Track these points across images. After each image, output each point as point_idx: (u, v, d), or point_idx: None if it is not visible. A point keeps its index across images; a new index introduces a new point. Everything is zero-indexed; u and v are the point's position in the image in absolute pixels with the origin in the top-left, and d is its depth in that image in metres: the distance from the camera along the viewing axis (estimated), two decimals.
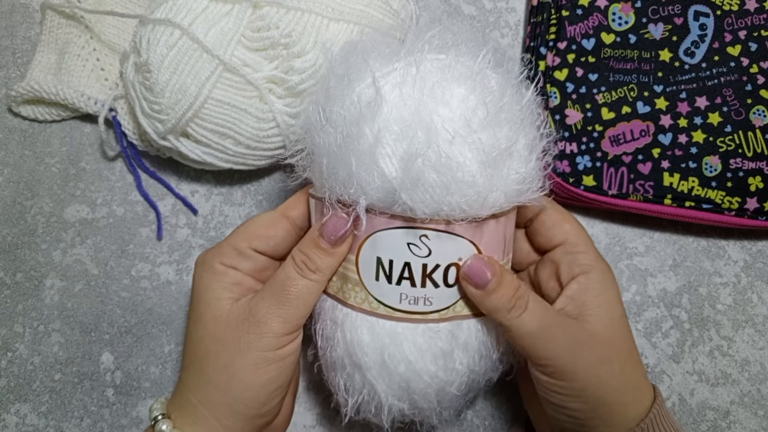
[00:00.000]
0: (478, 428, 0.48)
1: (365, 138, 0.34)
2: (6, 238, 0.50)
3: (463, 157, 0.33)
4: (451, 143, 0.33)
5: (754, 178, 0.47)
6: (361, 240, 0.36)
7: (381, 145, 0.33)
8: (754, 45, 0.48)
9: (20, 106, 0.51)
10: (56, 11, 0.51)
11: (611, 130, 0.47)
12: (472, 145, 0.33)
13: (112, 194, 0.51)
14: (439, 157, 0.33)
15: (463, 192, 0.33)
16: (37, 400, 0.48)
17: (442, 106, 0.34)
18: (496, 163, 0.34)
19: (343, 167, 0.34)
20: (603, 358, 0.36)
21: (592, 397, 0.36)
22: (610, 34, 0.48)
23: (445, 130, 0.33)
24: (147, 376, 0.48)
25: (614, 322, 0.38)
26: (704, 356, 0.49)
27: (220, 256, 0.38)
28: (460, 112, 0.34)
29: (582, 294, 0.38)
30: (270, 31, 0.44)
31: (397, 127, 0.33)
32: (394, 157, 0.33)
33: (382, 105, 0.33)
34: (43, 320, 0.49)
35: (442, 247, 0.35)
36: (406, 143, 0.33)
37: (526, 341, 0.36)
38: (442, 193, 0.33)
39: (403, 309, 0.36)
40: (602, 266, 0.39)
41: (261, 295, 0.37)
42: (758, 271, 0.50)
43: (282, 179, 0.51)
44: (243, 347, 0.35)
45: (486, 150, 0.34)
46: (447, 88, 0.34)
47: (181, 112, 0.44)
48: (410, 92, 0.34)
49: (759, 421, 0.48)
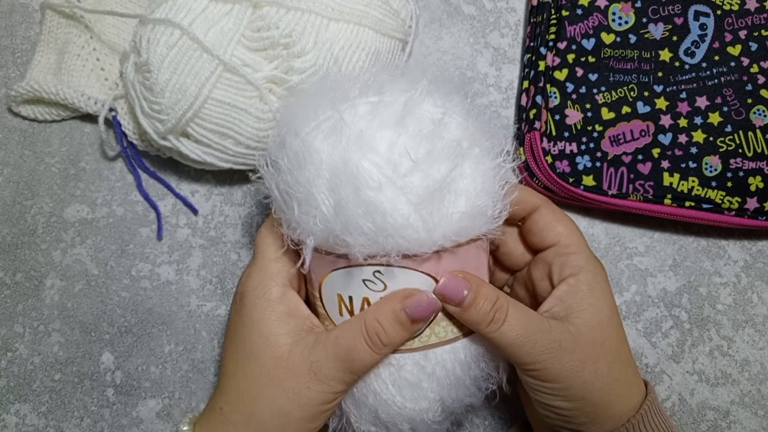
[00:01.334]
0: (478, 428, 0.48)
1: (302, 185, 0.34)
2: (6, 238, 0.50)
3: (391, 203, 0.33)
4: (378, 191, 0.33)
5: (754, 178, 0.47)
6: (321, 277, 0.37)
7: (316, 192, 0.34)
8: (755, 45, 0.48)
9: (20, 106, 0.51)
10: (56, 11, 0.51)
11: (611, 130, 0.47)
12: (403, 189, 0.33)
13: (112, 194, 0.51)
14: (366, 205, 0.33)
15: (400, 234, 0.33)
16: (37, 400, 0.48)
17: (370, 152, 0.33)
18: (431, 203, 0.33)
19: (288, 210, 0.35)
20: (587, 359, 0.37)
21: (577, 396, 0.37)
22: (610, 34, 0.48)
23: (371, 178, 0.33)
24: (147, 376, 0.48)
25: (602, 323, 0.38)
26: (704, 356, 0.49)
27: (271, 278, 0.38)
28: (388, 157, 0.33)
29: (570, 296, 0.38)
30: (270, 31, 0.44)
31: (328, 173, 0.34)
32: (329, 203, 0.34)
33: (312, 155, 0.34)
34: (43, 320, 0.49)
35: (397, 280, 0.36)
36: (335, 194, 0.33)
37: (509, 350, 0.36)
38: (379, 236, 0.33)
39: None
40: (593, 268, 0.39)
41: (324, 352, 0.36)
42: (758, 271, 0.50)
43: None
44: (304, 400, 0.36)
45: (418, 193, 0.33)
46: (374, 134, 0.34)
47: (181, 112, 0.44)
48: (337, 141, 0.34)
49: (759, 421, 0.48)
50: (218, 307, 0.49)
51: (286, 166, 0.35)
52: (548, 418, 0.39)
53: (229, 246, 0.50)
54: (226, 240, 0.50)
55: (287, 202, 0.35)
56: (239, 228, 0.50)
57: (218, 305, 0.49)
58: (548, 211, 0.40)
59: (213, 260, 0.50)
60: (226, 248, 0.50)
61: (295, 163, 0.34)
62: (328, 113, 0.35)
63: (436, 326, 0.37)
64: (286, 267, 0.38)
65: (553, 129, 0.47)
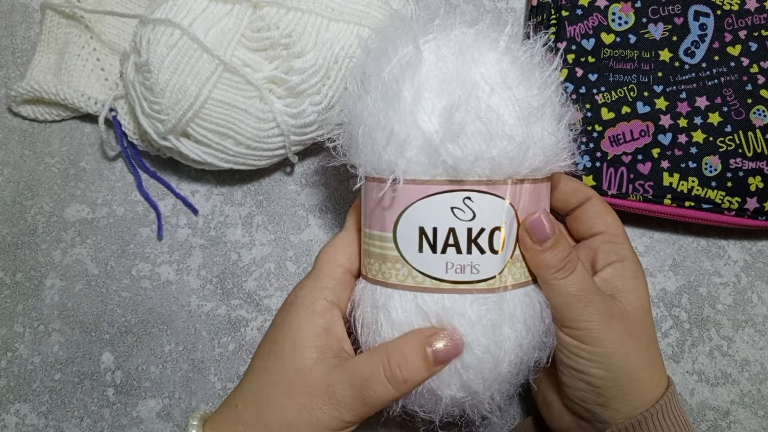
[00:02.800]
0: (478, 428, 0.48)
1: (404, 98, 0.35)
2: (6, 238, 0.50)
3: (502, 110, 0.35)
4: (490, 95, 0.35)
5: (754, 178, 0.47)
6: (398, 213, 0.36)
7: (420, 103, 0.35)
8: (755, 45, 0.48)
9: (20, 106, 0.51)
10: (56, 11, 0.51)
11: (611, 130, 0.47)
12: (509, 99, 0.35)
13: (112, 194, 0.51)
14: (480, 107, 0.34)
15: (503, 145, 0.34)
16: (37, 400, 0.48)
17: (478, 65, 0.35)
18: (531, 119, 0.35)
19: (380, 131, 0.35)
20: (632, 333, 0.38)
21: (615, 365, 0.37)
22: (609, 34, 0.48)
23: (485, 82, 0.35)
24: (147, 376, 0.48)
25: (644, 306, 0.40)
26: (704, 356, 0.49)
27: (322, 291, 0.38)
28: (495, 70, 0.35)
29: (616, 279, 0.40)
30: (270, 32, 0.44)
31: (436, 83, 0.35)
32: (434, 113, 0.34)
33: (421, 64, 0.35)
34: (43, 320, 0.49)
35: (485, 209, 0.36)
36: (447, 97, 0.34)
37: (565, 301, 0.37)
38: (485, 143, 0.34)
39: (449, 279, 0.36)
40: (635, 258, 0.41)
41: (342, 377, 0.36)
42: (758, 271, 0.50)
43: (282, 179, 0.51)
44: (314, 420, 0.36)
45: (522, 106, 0.35)
46: (481, 51, 0.36)
47: (181, 112, 0.44)
48: (447, 53, 0.36)
49: (759, 421, 0.48)
50: (218, 307, 0.49)
51: (390, 79, 0.36)
52: (576, 390, 0.39)
53: (229, 246, 0.50)
54: (226, 240, 0.50)
55: (381, 121, 0.35)
56: (239, 228, 0.50)
57: (218, 305, 0.49)
58: (599, 203, 0.42)
59: (213, 260, 0.50)
60: (226, 248, 0.50)
61: (404, 73, 0.35)
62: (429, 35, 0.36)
63: (512, 266, 0.37)
64: (340, 284, 0.39)
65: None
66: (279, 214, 0.51)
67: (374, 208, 0.37)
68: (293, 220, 0.51)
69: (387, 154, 0.35)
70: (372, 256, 0.38)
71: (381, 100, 0.36)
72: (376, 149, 0.36)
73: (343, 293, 0.39)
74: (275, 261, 0.50)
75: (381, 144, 0.35)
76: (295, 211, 0.51)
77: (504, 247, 0.36)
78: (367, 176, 0.37)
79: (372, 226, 0.38)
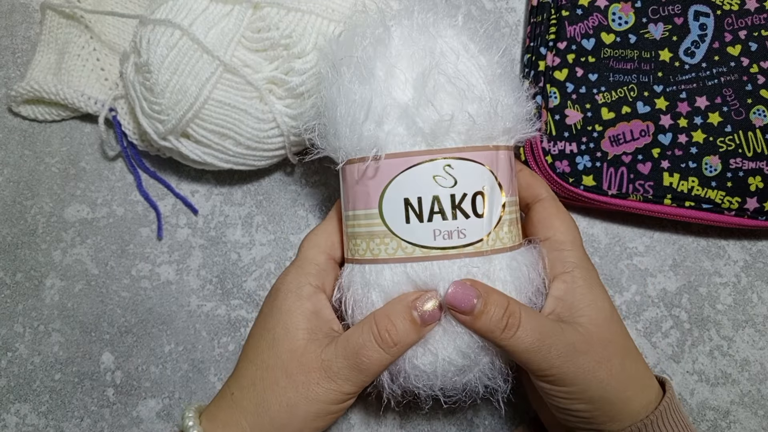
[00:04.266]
0: (477, 428, 0.48)
1: (377, 74, 0.37)
2: (6, 238, 0.50)
3: (469, 75, 0.37)
4: (456, 62, 0.37)
5: (754, 178, 0.47)
6: (382, 188, 0.37)
7: (394, 76, 0.37)
8: (754, 45, 0.48)
9: (20, 106, 0.51)
10: (56, 11, 0.51)
11: (611, 130, 0.47)
12: (474, 65, 0.37)
13: (112, 194, 0.51)
14: (449, 71, 0.36)
15: (475, 106, 0.36)
16: (37, 400, 0.48)
17: (443, 37, 0.38)
18: (496, 84, 0.38)
19: (358, 108, 0.37)
20: (601, 358, 0.36)
21: (595, 397, 0.36)
22: (610, 34, 0.48)
23: (451, 51, 0.37)
24: (147, 376, 0.48)
25: (607, 319, 0.38)
26: (704, 356, 0.49)
27: (307, 277, 0.39)
28: (457, 41, 0.38)
29: (569, 294, 0.38)
30: (270, 32, 0.44)
31: (406, 56, 0.37)
32: (407, 83, 0.37)
33: (390, 41, 0.37)
34: (43, 320, 0.49)
35: (466, 174, 0.37)
36: (417, 67, 0.37)
37: (525, 356, 0.36)
38: (458, 103, 0.36)
39: (438, 246, 0.37)
40: (586, 265, 0.39)
41: (335, 351, 0.37)
42: (758, 271, 0.50)
43: (282, 179, 0.51)
44: (312, 396, 0.36)
45: (486, 71, 0.38)
46: (442, 27, 0.38)
47: (181, 112, 0.44)
48: (412, 31, 0.38)
49: (759, 421, 0.48)
50: (218, 307, 0.49)
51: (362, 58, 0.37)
52: (567, 421, 0.39)
53: (229, 246, 0.50)
54: (226, 240, 0.50)
55: (358, 100, 0.37)
56: (239, 228, 0.50)
57: (218, 305, 0.49)
58: (550, 205, 0.41)
59: (213, 260, 0.50)
60: (226, 248, 0.50)
61: (376, 50, 0.37)
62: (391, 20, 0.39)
63: (499, 231, 0.38)
64: (323, 270, 0.40)
65: (553, 129, 0.47)
66: (279, 214, 0.51)
67: (357, 187, 0.38)
68: (293, 220, 0.51)
69: (366, 130, 0.37)
70: (358, 236, 0.39)
71: (356, 79, 0.37)
72: (356, 127, 0.37)
73: (327, 278, 0.40)
74: (275, 261, 0.50)
75: (359, 121, 0.37)
76: (295, 211, 0.51)
77: (487, 211, 0.37)
78: (348, 158, 0.38)
79: (356, 207, 0.39)
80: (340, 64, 0.38)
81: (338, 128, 0.38)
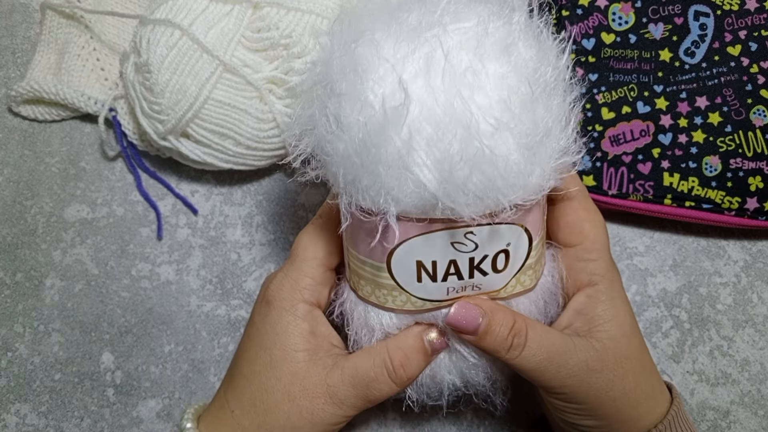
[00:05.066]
0: (477, 428, 0.48)
1: (392, 145, 0.29)
2: (6, 238, 0.50)
3: (506, 148, 0.29)
4: (493, 135, 0.28)
5: (754, 178, 0.47)
6: (392, 248, 0.33)
7: (413, 151, 0.29)
8: (755, 45, 0.48)
9: (20, 106, 0.51)
10: (56, 11, 0.51)
11: (611, 130, 0.47)
12: (514, 130, 0.29)
13: (112, 194, 0.51)
14: (482, 155, 0.28)
15: (509, 184, 0.29)
16: (37, 400, 0.48)
17: (477, 92, 0.28)
18: (538, 144, 0.30)
19: (366, 177, 0.30)
20: (615, 377, 0.35)
21: (605, 414, 0.36)
22: (610, 33, 0.48)
23: (486, 122, 0.28)
24: (147, 376, 0.48)
25: (626, 335, 0.36)
26: (704, 356, 0.49)
27: (302, 293, 0.37)
28: (498, 95, 0.29)
29: (590, 308, 0.36)
30: (270, 32, 0.44)
31: (430, 127, 0.28)
32: (428, 160, 0.29)
33: (410, 108, 0.28)
34: (43, 320, 0.49)
35: (488, 239, 0.32)
36: (443, 147, 0.28)
37: (533, 375, 0.35)
38: (487, 190, 0.29)
39: (450, 298, 0.35)
40: (611, 276, 0.37)
41: (342, 378, 0.36)
42: (758, 271, 0.50)
43: (282, 179, 0.51)
44: (317, 420, 0.36)
45: (528, 133, 0.29)
46: (481, 70, 0.29)
47: (181, 112, 0.44)
48: (439, 83, 0.28)
49: (759, 421, 0.48)
50: (218, 307, 0.49)
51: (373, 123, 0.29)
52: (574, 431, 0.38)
53: (229, 246, 0.50)
54: (226, 240, 0.50)
55: (367, 168, 0.29)
56: (239, 228, 0.50)
57: (218, 305, 0.49)
58: (580, 207, 0.37)
59: (213, 260, 0.50)
60: (226, 248, 0.50)
61: (389, 117, 0.28)
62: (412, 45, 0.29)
63: (521, 276, 0.35)
64: (319, 284, 0.38)
65: None
66: (279, 214, 0.51)
67: (362, 237, 0.34)
68: (293, 220, 0.51)
69: (376, 197, 0.30)
70: (363, 278, 0.35)
71: (362, 146, 0.29)
72: (362, 190, 0.30)
73: (322, 292, 0.38)
74: (275, 261, 0.50)
75: (366, 187, 0.30)
76: (295, 211, 0.51)
77: (510, 266, 0.34)
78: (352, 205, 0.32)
79: (360, 252, 0.34)
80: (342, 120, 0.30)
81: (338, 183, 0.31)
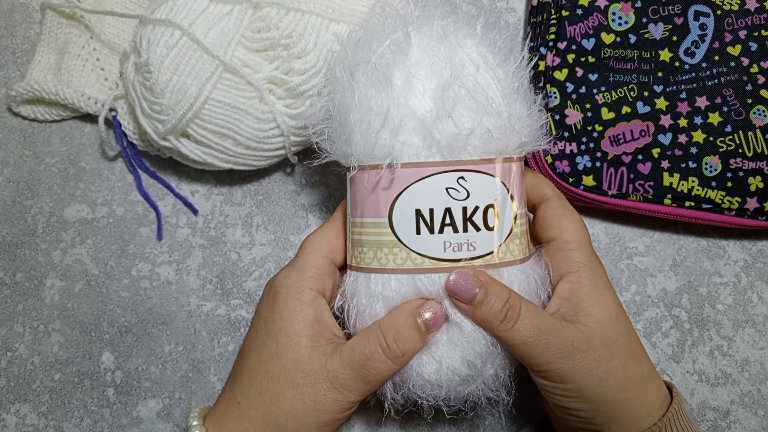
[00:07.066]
0: (477, 428, 0.48)
1: (395, 82, 0.36)
2: (6, 238, 0.50)
3: (488, 88, 0.37)
4: (476, 74, 0.37)
5: (754, 178, 0.47)
6: (394, 198, 0.37)
7: (412, 85, 0.36)
8: (755, 45, 0.48)
9: (20, 106, 0.51)
10: (56, 11, 0.51)
11: (611, 130, 0.47)
12: (493, 78, 0.37)
13: (112, 194, 0.51)
14: (469, 84, 0.36)
15: (493, 120, 0.36)
16: (37, 400, 0.48)
17: (462, 47, 0.37)
18: (513, 98, 0.38)
19: (374, 116, 0.36)
20: (600, 358, 0.36)
21: (592, 396, 0.36)
22: (610, 34, 0.48)
23: (470, 63, 0.37)
24: (147, 376, 0.48)
25: (611, 319, 0.38)
26: (704, 356, 0.49)
27: (308, 281, 0.39)
28: (477, 52, 0.37)
29: (574, 294, 0.38)
30: (270, 32, 0.44)
31: (425, 65, 0.36)
32: (425, 94, 0.36)
33: (410, 48, 0.37)
34: (43, 320, 0.49)
35: (479, 187, 0.37)
36: (436, 77, 0.36)
37: (522, 350, 0.36)
38: (477, 118, 0.36)
39: (448, 258, 0.37)
40: (593, 264, 0.39)
41: (340, 361, 0.37)
42: (758, 271, 0.50)
43: (282, 179, 0.51)
44: (319, 406, 0.36)
45: (504, 84, 0.37)
46: (462, 37, 0.38)
47: (181, 112, 0.44)
48: (432, 39, 0.37)
49: (759, 421, 0.48)
50: (218, 307, 0.49)
51: (380, 65, 0.36)
52: (568, 421, 0.39)
53: (229, 246, 0.50)
54: (226, 240, 0.50)
55: (374, 106, 0.36)
56: (239, 228, 0.50)
57: (218, 305, 0.49)
58: (556, 205, 0.40)
59: (213, 260, 0.50)
60: (226, 248, 0.50)
61: (395, 58, 0.36)
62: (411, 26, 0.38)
63: (510, 243, 0.38)
64: (324, 274, 0.39)
65: (553, 129, 0.47)
66: (279, 214, 0.51)
67: (367, 195, 0.38)
68: (293, 220, 0.51)
69: (381, 139, 0.36)
70: (365, 244, 0.38)
71: (372, 86, 0.37)
72: (370, 135, 0.36)
73: (327, 282, 0.39)
74: (275, 261, 0.50)
75: (375, 129, 0.36)
76: (295, 211, 0.51)
77: (499, 224, 0.37)
78: (360, 165, 0.38)
79: (364, 214, 0.38)
80: (356, 69, 0.37)
81: (351, 134, 0.37)
